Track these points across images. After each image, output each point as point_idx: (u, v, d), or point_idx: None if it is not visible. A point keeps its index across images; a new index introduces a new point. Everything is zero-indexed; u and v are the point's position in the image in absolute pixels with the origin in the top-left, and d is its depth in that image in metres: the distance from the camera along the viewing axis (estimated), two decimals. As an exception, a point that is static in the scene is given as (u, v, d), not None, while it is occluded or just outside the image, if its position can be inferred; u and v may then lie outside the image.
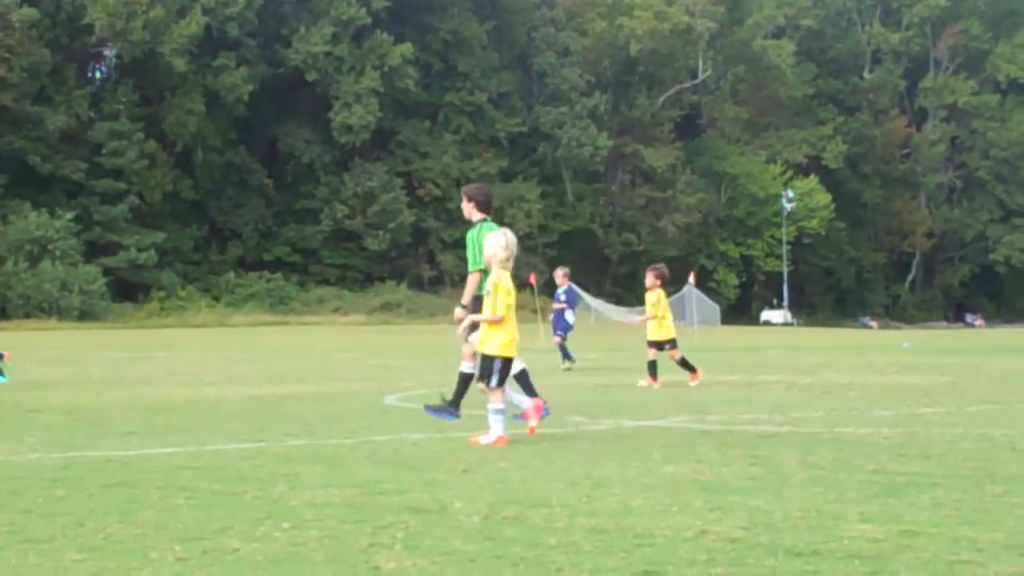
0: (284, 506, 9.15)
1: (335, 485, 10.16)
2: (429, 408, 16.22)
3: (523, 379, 15.66)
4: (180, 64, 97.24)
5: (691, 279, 55.80)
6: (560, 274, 33.43)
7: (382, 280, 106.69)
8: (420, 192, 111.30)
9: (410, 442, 13.80)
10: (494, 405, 13.53)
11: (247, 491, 9.88)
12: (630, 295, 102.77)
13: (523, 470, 11.10)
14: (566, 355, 31.13)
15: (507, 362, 13.76)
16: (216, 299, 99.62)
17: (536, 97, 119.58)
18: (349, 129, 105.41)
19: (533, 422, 14.31)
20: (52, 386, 24.28)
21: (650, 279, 24.39)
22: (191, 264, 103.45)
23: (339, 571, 7.10)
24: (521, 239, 25.74)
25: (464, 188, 16.96)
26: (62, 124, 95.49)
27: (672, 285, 36.23)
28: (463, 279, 17.49)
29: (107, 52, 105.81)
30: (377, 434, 14.63)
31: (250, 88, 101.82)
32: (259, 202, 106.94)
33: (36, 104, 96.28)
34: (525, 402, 14.61)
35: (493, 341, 13.74)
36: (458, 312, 15.30)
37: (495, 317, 13.69)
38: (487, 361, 13.77)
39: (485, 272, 14.94)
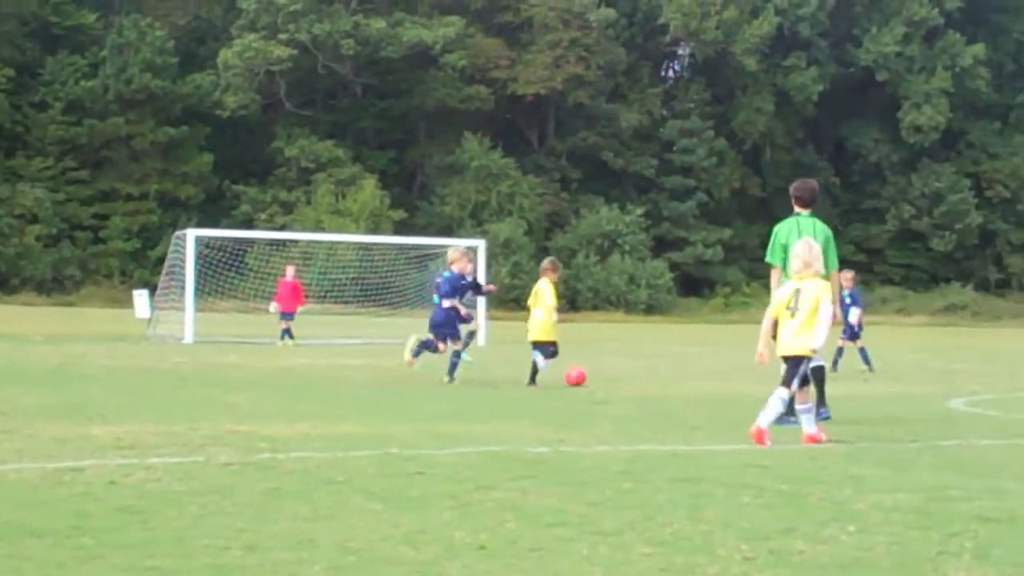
0: (849, 509, 9.14)
1: (901, 490, 10.07)
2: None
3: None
4: (751, 64, 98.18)
5: None
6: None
7: (947, 281, 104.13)
8: (989, 193, 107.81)
9: (976, 448, 13.56)
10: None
11: (813, 492, 9.91)
12: None
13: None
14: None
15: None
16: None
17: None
18: (918, 129, 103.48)
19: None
20: (620, 379, 24.97)
21: None
22: (756, 260, 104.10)
23: (906, 579, 7.06)
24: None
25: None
26: (635, 121, 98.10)
27: None
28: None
29: (681, 51, 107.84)
30: (943, 439, 14.41)
31: (820, 88, 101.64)
32: (826, 201, 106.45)
33: (611, 101, 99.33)
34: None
35: None
36: None
37: None
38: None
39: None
